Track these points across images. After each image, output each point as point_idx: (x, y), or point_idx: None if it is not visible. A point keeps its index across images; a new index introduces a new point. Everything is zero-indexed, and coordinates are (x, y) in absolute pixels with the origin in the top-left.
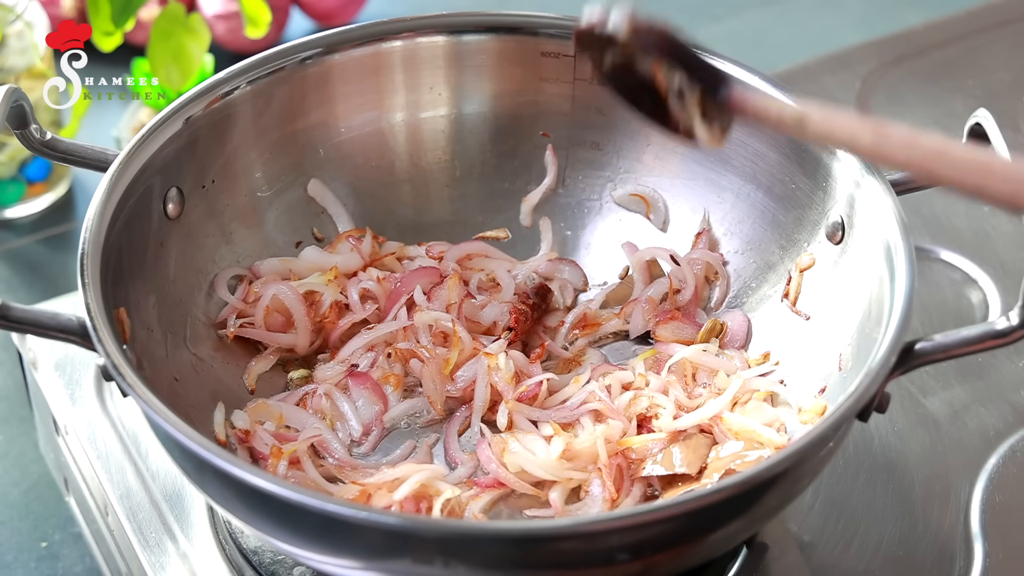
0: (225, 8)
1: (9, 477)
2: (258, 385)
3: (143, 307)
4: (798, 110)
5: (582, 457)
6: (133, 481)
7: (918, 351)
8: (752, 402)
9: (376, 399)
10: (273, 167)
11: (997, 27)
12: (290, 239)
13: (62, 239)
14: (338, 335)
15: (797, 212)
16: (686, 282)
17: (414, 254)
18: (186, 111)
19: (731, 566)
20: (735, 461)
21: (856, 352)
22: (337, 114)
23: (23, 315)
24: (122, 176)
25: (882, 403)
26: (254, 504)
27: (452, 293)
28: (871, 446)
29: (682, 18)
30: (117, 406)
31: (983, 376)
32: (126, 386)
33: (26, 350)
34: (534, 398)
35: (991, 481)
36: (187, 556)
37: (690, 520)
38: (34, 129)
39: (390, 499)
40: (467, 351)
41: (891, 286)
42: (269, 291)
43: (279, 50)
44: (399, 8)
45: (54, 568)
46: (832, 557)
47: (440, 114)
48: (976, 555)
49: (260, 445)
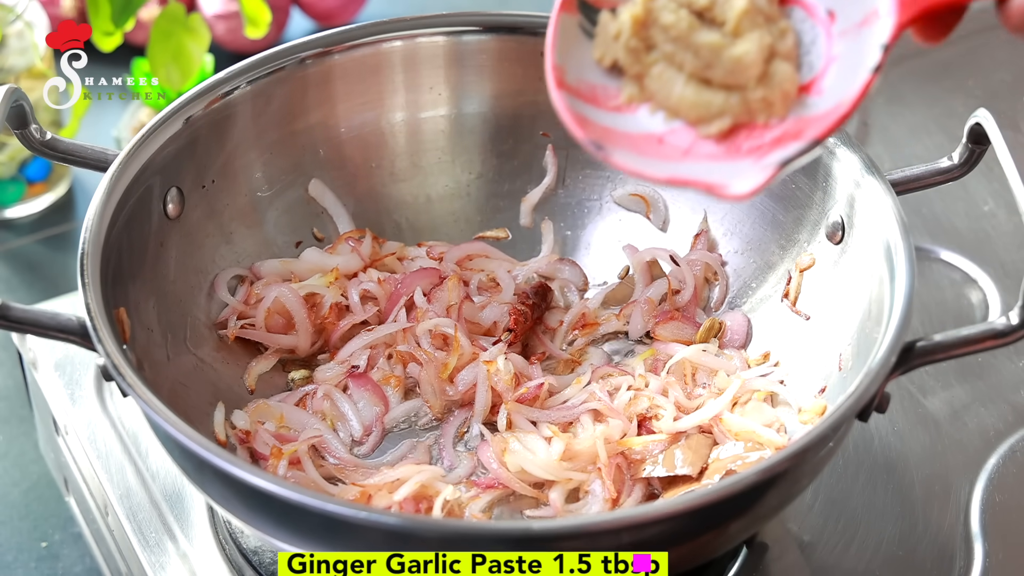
0: (225, 8)
1: (9, 477)
2: (258, 385)
3: (143, 307)
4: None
5: (582, 457)
6: (133, 481)
7: (918, 351)
8: (752, 402)
9: (377, 400)
10: (273, 167)
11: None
12: (290, 239)
13: (62, 239)
14: (338, 336)
15: (797, 212)
16: (685, 283)
17: (414, 255)
18: (186, 111)
19: (731, 566)
20: (736, 462)
21: (856, 352)
22: (337, 114)
23: (23, 315)
24: (122, 176)
25: (882, 403)
26: (254, 504)
27: (452, 294)
28: (871, 446)
29: None
30: (117, 406)
31: (983, 376)
32: (126, 386)
33: (26, 350)
34: (534, 399)
35: (991, 481)
36: (187, 556)
37: (690, 520)
38: (34, 129)
39: (390, 499)
40: (466, 356)
41: (891, 286)
42: (271, 293)
43: (279, 50)
44: (399, 8)
45: (54, 568)
46: (832, 557)
47: (440, 114)
48: (976, 555)
49: (261, 445)
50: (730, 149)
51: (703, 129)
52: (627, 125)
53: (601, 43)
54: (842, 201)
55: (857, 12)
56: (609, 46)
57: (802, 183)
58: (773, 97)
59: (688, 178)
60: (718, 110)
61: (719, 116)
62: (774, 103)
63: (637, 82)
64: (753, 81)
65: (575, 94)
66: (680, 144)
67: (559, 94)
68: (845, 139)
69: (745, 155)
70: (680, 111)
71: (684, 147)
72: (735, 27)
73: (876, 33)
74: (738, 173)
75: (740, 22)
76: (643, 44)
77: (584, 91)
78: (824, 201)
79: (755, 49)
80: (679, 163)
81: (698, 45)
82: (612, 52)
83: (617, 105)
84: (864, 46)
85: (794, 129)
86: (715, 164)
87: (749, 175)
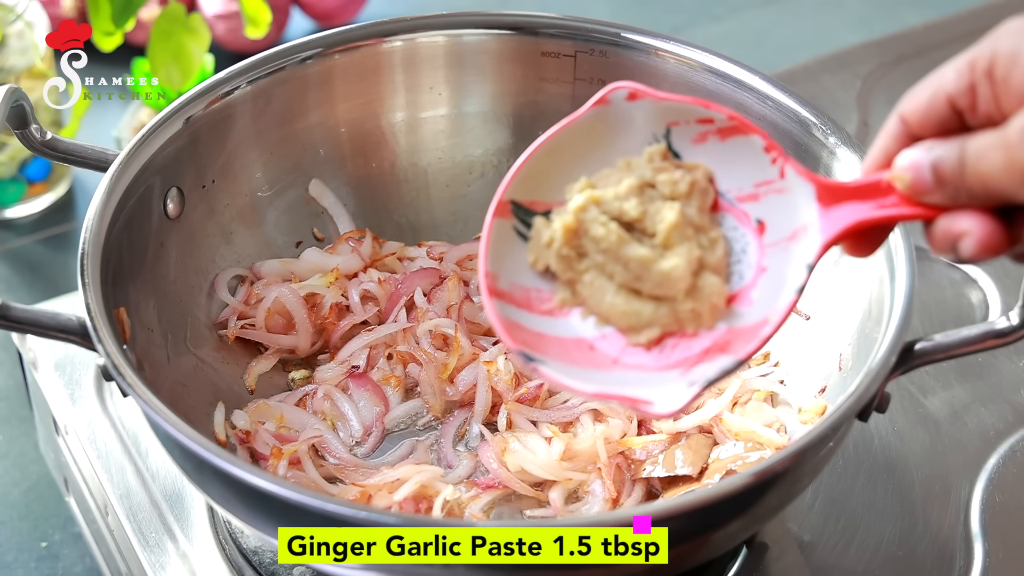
0: (225, 8)
1: (9, 477)
2: (258, 385)
3: (143, 307)
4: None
5: (582, 457)
6: (133, 481)
7: (918, 351)
8: (752, 402)
9: (377, 400)
10: (273, 167)
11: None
12: (290, 239)
13: (62, 239)
14: (339, 336)
15: None
16: None
17: (414, 255)
18: (186, 111)
19: (731, 566)
20: (736, 462)
21: (856, 352)
22: (337, 114)
23: (23, 315)
24: (122, 176)
25: (882, 403)
26: (254, 504)
27: (452, 294)
28: (871, 446)
29: (682, 18)
30: (117, 406)
31: (983, 376)
32: (126, 386)
33: (26, 350)
34: (534, 399)
35: (991, 481)
36: (187, 556)
37: (690, 520)
38: (34, 129)
39: (390, 499)
40: (466, 356)
41: (891, 286)
42: (271, 294)
43: (279, 50)
44: (399, 8)
45: (54, 568)
46: (832, 557)
47: (440, 114)
48: (976, 555)
49: (261, 445)
50: (659, 359)
51: (632, 338)
52: (559, 330)
53: (535, 248)
54: None
55: (786, 226)
56: (542, 252)
57: None
58: (701, 309)
59: (616, 394)
60: (647, 320)
61: (648, 326)
62: (702, 314)
63: (570, 287)
64: (682, 294)
65: (508, 299)
66: (610, 352)
67: (491, 302)
68: (845, 139)
69: (673, 366)
70: (611, 318)
71: (613, 356)
72: (664, 240)
73: (803, 251)
74: (665, 390)
75: (670, 235)
76: (575, 252)
77: (517, 296)
78: None
79: (684, 264)
80: (608, 373)
81: (627, 258)
82: (545, 258)
83: (550, 309)
84: (790, 262)
85: (723, 340)
86: (644, 375)
87: (675, 394)
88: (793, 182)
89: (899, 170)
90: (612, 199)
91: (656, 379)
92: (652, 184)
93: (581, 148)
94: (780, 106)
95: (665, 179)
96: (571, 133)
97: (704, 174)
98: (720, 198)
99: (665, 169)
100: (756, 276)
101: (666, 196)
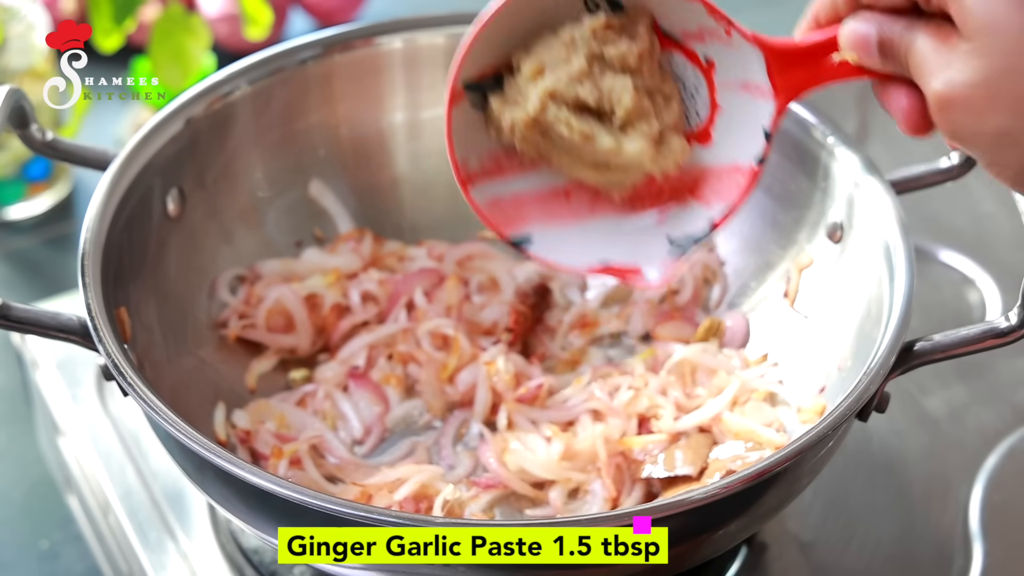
0: (225, 9)
1: (9, 477)
2: (258, 385)
3: (144, 307)
4: None
5: (582, 457)
6: (133, 481)
7: (918, 351)
8: (751, 402)
9: (377, 400)
10: (273, 167)
11: None
12: (290, 239)
13: (63, 239)
14: (339, 336)
15: (796, 212)
16: (684, 283)
17: (415, 254)
18: (186, 111)
19: (731, 566)
20: (736, 462)
21: (855, 352)
22: (337, 114)
23: (24, 315)
24: (123, 176)
25: (881, 403)
26: (254, 504)
27: (452, 295)
28: (870, 446)
29: None
30: (117, 406)
31: (983, 376)
32: (126, 386)
33: (26, 350)
34: (534, 399)
35: (990, 481)
36: (188, 556)
37: (690, 520)
38: (35, 129)
39: (390, 499)
40: (466, 356)
41: (890, 286)
42: (272, 294)
43: (279, 50)
44: (399, 8)
45: (54, 568)
46: (832, 556)
47: (440, 114)
48: (975, 554)
49: (261, 445)
50: (633, 200)
51: (606, 195)
52: (535, 183)
53: (495, 128)
54: (842, 201)
55: (736, 73)
56: (504, 133)
57: (802, 183)
58: (668, 166)
59: (606, 266)
60: (618, 182)
61: (619, 186)
62: (670, 169)
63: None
64: (649, 162)
65: (482, 177)
66: (585, 199)
67: (470, 193)
68: (845, 139)
69: (648, 208)
70: (583, 182)
71: (589, 202)
72: (624, 121)
73: (758, 112)
74: (649, 252)
75: (628, 117)
76: (539, 136)
77: (489, 166)
78: (823, 201)
79: (647, 145)
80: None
81: (593, 150)
82: (507, 138)
83: (521, 163)
84: (745, 112)
85: (690, 179)
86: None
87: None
88: (740, 45)
89: (847, 42)
90: (566, 87)
91: (635, 227)
92: (600, 55)
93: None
94: None
95: (613, 52)
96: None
97: (646, 25)
98: (665, 36)
99: (610, 40)
100: (712, 113)
101: (616, 69)
